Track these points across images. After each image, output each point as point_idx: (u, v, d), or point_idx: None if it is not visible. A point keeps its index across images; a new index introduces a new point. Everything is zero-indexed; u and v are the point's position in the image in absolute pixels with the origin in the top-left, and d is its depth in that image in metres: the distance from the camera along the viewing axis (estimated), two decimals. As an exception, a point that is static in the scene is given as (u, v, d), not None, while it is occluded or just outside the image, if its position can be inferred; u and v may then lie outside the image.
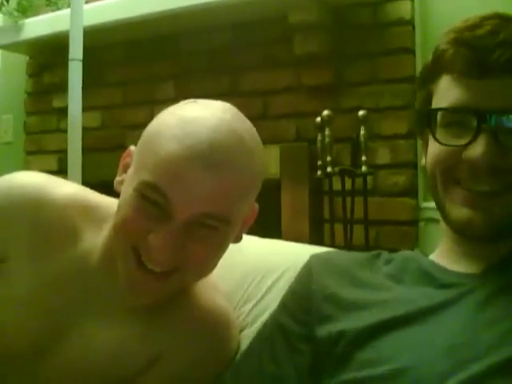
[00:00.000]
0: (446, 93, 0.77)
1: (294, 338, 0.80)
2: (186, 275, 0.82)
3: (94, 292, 0.86)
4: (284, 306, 0.86)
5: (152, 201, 0.77)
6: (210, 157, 0.77)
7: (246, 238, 1.10)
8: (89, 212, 0.88)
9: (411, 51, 2.16)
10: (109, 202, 0.91)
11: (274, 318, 0.86)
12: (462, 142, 0.74)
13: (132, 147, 0.86)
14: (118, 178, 0.84)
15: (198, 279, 0.87)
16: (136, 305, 0.85)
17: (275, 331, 0.83)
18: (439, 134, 0.77)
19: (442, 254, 0.83)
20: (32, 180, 0.90)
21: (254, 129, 0.86)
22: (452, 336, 0.69)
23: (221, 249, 0.84)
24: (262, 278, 1.02)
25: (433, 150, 0.79)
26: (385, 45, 2.19)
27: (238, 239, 0.89)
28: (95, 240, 0.87)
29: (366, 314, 0.75)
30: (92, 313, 0.86)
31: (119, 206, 0.81)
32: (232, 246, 0.99)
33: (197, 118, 0.80)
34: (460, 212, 0.75)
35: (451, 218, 0.77)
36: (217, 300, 0.92)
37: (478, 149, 0.72)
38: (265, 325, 0.88)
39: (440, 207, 0.79)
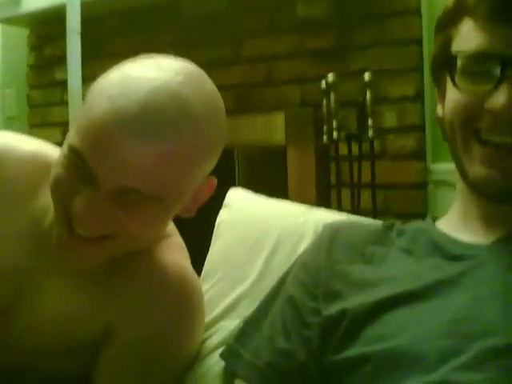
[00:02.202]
0: (468, 37, 0.73)
1: (304, 311, 0.79)
2: (120, 243, 0.77)
3: (48, 252, 0.82)
4: (296, 277, 0.84)
5: (77, 166, 0.72)
6: (140, 122, 0.68)
7: (254, 199, 1.11)
8: (47, 170, 0.81)
9: (417, 12, 2.11)
10: None
11: (285, 289, 0.84)
12: (483, 89, 0.71)
13: None
14: (68, 133, 0.78)
15: (136, 247, 0.81)
16: (82, 268, 0.81)
17: (286, 303, 0.82)
18: (459, 80, 0.73)
19: (455, 219, 0.80)
20: None
21: (215, 97, 0.77)
22: (456, 311, 0.67)
23: (156, 222, 0.78)
24: (267, 239, 1.02)
25: (452, 98, 0.75)
26: (390, 6, 2.14)
27: (188, 213, 0.81)
28: (50, 198, 0.82)
29: (373, 291, 0.74)
30: (49, 273, 0.84)
31: (54, 164, 0.76)
32: (237, 206, 0.97)
33: (140, 76, 0.71)
34: (478, 170, 0.73)
35: (469, 177, 0.75)
36: (182, 262, 0.87)
37: (500, 98, 0.69)
38: (275, 294, 0.86)
39: (458, 165, 0.77)
